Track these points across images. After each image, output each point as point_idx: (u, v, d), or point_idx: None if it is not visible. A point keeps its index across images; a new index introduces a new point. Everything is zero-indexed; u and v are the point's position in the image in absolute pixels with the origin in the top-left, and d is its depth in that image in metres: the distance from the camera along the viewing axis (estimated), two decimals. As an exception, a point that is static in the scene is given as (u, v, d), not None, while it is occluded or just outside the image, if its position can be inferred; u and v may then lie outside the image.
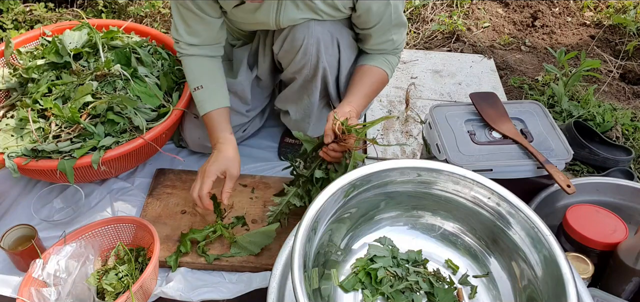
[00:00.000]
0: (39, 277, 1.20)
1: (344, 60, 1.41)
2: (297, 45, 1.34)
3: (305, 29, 1.32)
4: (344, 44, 1.38)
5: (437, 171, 1.08)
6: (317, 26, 1.32)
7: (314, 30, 1.32)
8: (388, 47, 1.41)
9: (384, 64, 1.42)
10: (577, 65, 2.19)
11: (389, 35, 1.37)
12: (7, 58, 1.59)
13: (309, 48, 1.33)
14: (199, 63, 1.42)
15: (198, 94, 1.41)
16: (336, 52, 1.38)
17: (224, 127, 1.40)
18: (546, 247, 0.96)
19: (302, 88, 1.46)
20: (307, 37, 1.32)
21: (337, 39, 1.36)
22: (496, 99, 1.47)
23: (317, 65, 1.37)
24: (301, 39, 1.33)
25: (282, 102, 1.58)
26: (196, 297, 1.25)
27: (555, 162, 1.31)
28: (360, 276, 1.06)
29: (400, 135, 1.87)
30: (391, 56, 1.44)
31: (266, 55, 1.51)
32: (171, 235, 1.39)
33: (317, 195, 0.97)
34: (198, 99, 1.41)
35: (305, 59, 1.36)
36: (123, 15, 2.49)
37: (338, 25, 1.36)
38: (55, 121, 1.38)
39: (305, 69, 1.38)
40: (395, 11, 1.32)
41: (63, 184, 1.49)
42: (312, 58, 1.35)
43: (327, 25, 1.33)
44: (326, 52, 1.35)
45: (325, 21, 1.33)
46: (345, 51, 1.39)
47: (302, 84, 1.44)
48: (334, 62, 1.39)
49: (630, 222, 1.31)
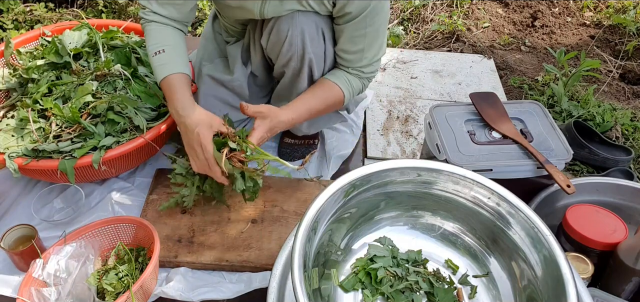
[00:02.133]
0: (39, 277, 1.20)
1: (329, 53, 1.39)
2: (282, 37, 1.34)
3: (290, 20, 1.31)
4: (328, 36, 1.37)
5: (437, 171, 1.08)
6: (301, 17, 1.31)
7: (298, 21, 1.31)
8: (355, 60, 1.37)
9: (344, 84, 1.40)
10: (577, 65, 2.19)
11: (361, 42, 1.33)
12: (7, 58, 1.59)
13: (294, 39, 1.33)
14: (162, 30, 1.36)
15: (158, 58, 1.33)
16: (322, 43, 1.36)
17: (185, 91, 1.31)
18: (546, 247, 0.96)
19: (291, 83, 1.45)
20: (292, 28, 1.31)
21: (322, 29, 1.34)
22: (496, 99, 1.47)
23: (303, 56, 1.36)
24: (286, 30, 1.32)
25: (276, 100, 1.58)
26: (196, 297, 1.25)
27: (555, 162, 1.32)
28: (360, 275, 1.06)
29: (400, 135, 1.87)
30: (354, 78, 1.40)
31: (257, 50, 1.51)
32: (171, 235, 1.39)
33: (317, 195, 0.97)
34: (157, 63, 1.33)
35: (291, 51, 1.35)
36: (123, 15, 2.49)
37: (323, 18, 1.34)
38: (56, 121, 1.38)
39: (292, 61, 1.37)
40: (374, 15, 1.28)
41: (63, 184, 1.49)
42: (298, 49, 1.34)
43: (311, 16, 1.32)
44: (312, 42, 1.34)
45: (309, 12, 1.31)
46: (330, 43, 1.38)
47: (291, 78, 1.43)
48: (320, 52, 1.38)
49: (630, 222, 1.31)
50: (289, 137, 1.72)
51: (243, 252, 1.35)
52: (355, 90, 1.43)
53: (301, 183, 1.55)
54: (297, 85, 1.44)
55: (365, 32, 1.31)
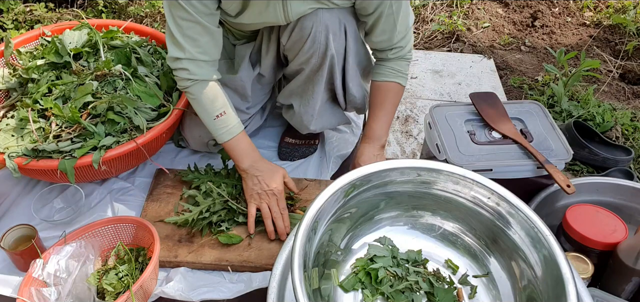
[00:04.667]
0: (39, 277, 1.20)
1: (350, 49, 1.39)
2: (305, 33, 1.33)
3: (314, 17, 1.30)
4: (351, 32, 1.36)
5: (437, 171, 1.08)
6: (325, 13, 1.31)
7: (322, 17, 1.30)
8: (394, 39, 1.37)
9: (394, 75, 1.42)
10: (576, 65, 2.19)
11: (390, 21, 1.32)
12: (7, 58, 1.59)
13: (318, 35, 1.32)
14: (214, 89, 1.35)
15: (221, 121, 1.36)
16: (343, 40, 1.36)
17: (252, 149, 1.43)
18: (546, 247, 0.96)
19: (308, 79, 1.44)
20: (316, 24, 1.31)
21: (344, 26, 1.34)
22: (496, 99, 1.47)
23: (325, 53, 1.35)
24: (309, 27, 1.31)
25: (286, 97, 1.57)
26: (196, 297, 1.25)
27: (555, 162, 1.32)
28: (360, 275, 1.06)
29: (400, 135, 1.87)
30: (396, 62, 1.42)
31: (270, 50, 1.50)
32: (171, 235, 1.39)
33: (317, 195, 0.97)
34: (220, 125, 1.36)
35: (314, 47, 1.34)
36: (123, 15, 2.50)
37: (345, 12, 1.34)
38: (56, 121, 1.38)
39: (313, 58, 1.37)
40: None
41: (63, 184, 1.49)
42: (321, 46, 1.34)
43: (334, 12, 1.31)
44: (334, 39, 1.34)
45: (332, 9, 1.31)
46: (351, 39, 1.37)
47: (309, 74, 1.43)
48: (341, 49, 1.38)
49: (630, 222, 1.31)
50: (289, 137, 1.72)
51: (243, 252, 1.35)
52: (404, 71, 1.44)
53: (301, 183, 1.55)
54: (314, 82, 1.44)
55: (391, 9, 1.30)
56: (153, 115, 1.47)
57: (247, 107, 1.59)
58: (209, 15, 1.26)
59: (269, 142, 1.76)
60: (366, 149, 1.45)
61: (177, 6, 1.22)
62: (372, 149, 1.45)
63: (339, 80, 1.44)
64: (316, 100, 1.47)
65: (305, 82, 1.46)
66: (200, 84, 1.33)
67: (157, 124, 1.42)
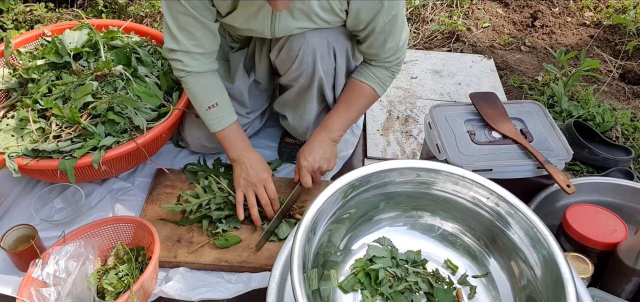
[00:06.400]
0: (39, 277, 1.20)
1: (340, 68, 1.39)
2: (293, 55, 1.33)
3: (302, 39, 1.30)
4: (339, 51, 1.36)
5: (436, 171, 1.08)
6: (314, 37, 1.30)
7: (311, 41, 1.30)
8: (377, 54, 1.35)
9: (372, 80, 1.40)
10: (576, 65, 2.19)
11: (381, 37, 1.30)
12: (7, 58, 1.59)
13: (305, 58, 1.32)
14: (208, 80, 1.37)
15: (213, 112, 1.37)
16: (332, 61, 1.37)
17: (243, 137, 1.44)
18: (545, 247, 0.96)
19: (299, 96, 1.46)
20: (304, 47, 1.31)
21: (333, 48, 1.34)
22: (496, 99, 1.47)
23: (313, 75, 1.36)
24: (297, 49, 1.31)
25: (281, 106, 1.58)
26: (195, 297, 1.25)
27: (555, 162, 1.31)
28: (359, 276, 1.06)
29: (400, 135, 1.87)
30: (380, 69, 1.40)
31: (262, 59, 1.50)
32: (171, 235, 1.39)
33: (316, 196, 0.97)
34: (212, 116, 1.38)
35: (301, 69, 1.35)
36: (123, 15, 2.49)
37: (334, 33, 1.33)
38: (56, 121, 1.38)
39: (301, 78, 1.38)
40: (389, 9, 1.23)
41: (63, 184, 1.49)
42: (309, 68, 1.34)
43: (324, 34, 1.31)
44: (322, 61, 1.34)
45: (322, 29, 1.30)
46: (341, 59, 1.37)
47: (299, 91, 1.44)
48: (330, 70, 1.38)
49: (630, 222, 1.31)
50: (289, 137, 1.72)
51: (242, 252, 1.35)
52: (385, 81, 1.43)
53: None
54: (306, 99, 1.45)
55: (384, 28, 1.28)
56: (153, 115, 1.47)
57: (246, 112, 1.60)
58: (205, 10, 1.26)
59: (269, 142, 1.76)
60: (314, 138, 1.44)
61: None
62: (321, 141, 1.42)
63: (330, 95, 1.45)
64: (309, 113, 1.49)
65: (296, 97, 1.47)
66: (194, 75, 1.35)
67: (157, 124, 1.42)
